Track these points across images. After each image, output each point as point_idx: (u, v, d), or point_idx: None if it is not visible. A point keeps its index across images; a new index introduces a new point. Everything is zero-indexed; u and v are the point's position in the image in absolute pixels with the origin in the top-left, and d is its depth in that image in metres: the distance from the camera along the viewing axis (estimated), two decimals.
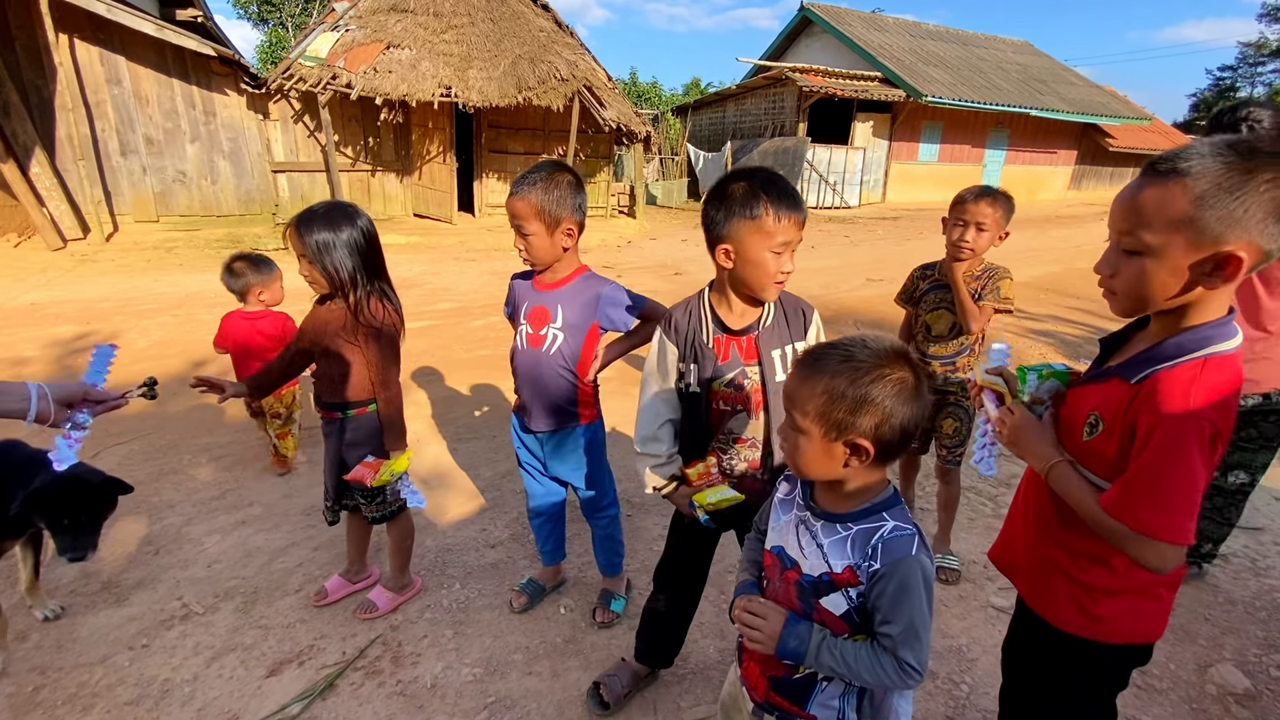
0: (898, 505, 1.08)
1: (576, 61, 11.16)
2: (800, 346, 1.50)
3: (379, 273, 1.94)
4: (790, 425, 1.06)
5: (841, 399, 0.98)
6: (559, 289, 1.89)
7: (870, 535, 1.04)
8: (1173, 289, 0.98)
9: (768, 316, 1.51)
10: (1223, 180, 0.90)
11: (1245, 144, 0.92)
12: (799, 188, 15.66)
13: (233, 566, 2.44)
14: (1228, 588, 2.48)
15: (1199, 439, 0.95)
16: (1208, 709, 1.92)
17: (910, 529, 1.04)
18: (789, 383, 1.08)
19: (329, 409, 2.02)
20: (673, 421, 1.60)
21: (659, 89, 35.25)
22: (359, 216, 1.88)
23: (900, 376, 0.99)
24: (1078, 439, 1.13)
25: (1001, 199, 2.28)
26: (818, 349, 1.06)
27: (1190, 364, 0.98)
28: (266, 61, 27.65)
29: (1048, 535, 1.20)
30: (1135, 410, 1.02)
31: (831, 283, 7.75)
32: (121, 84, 8.95)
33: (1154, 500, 0.98)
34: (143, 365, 4.39)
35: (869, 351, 1.00)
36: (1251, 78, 40.56)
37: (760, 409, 1.52)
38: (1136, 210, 0.99)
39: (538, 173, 1.78)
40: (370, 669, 1.97)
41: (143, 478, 3.02)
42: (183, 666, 1.97)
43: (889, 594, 1.00)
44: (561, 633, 2.15)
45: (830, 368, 1.00)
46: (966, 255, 2.30)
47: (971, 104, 16.99)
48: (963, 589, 2.44)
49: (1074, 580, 1.16)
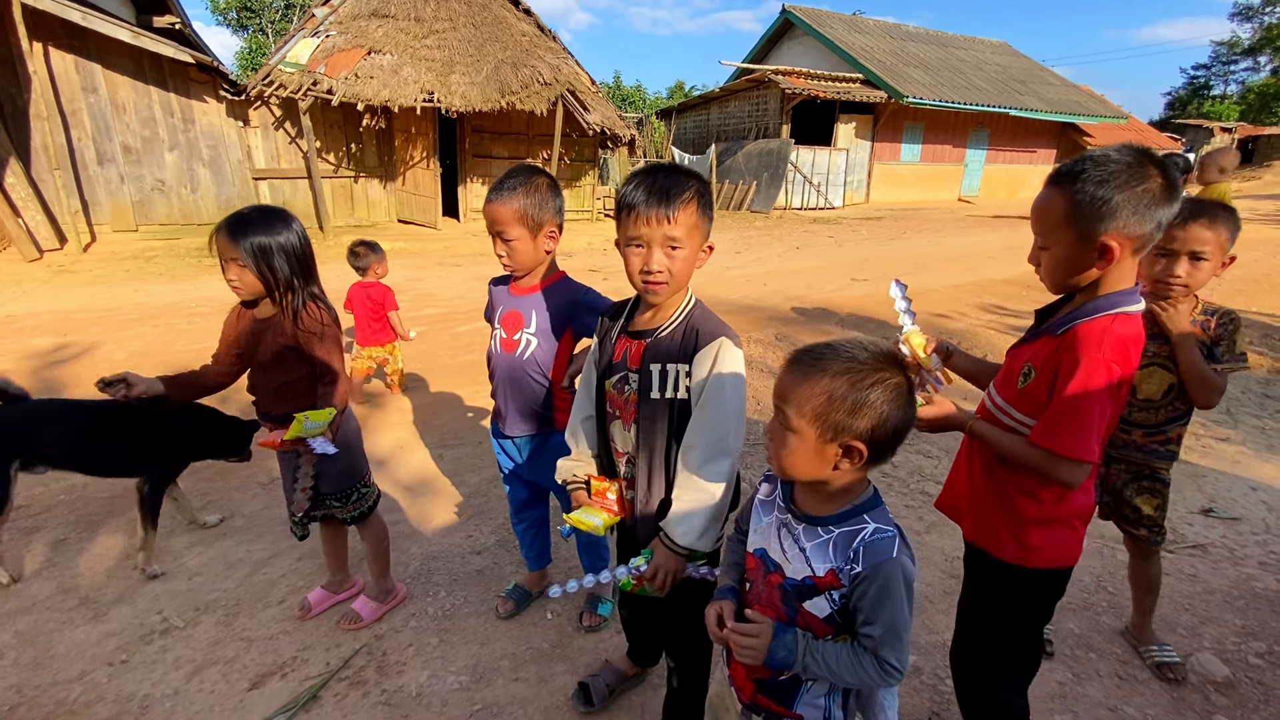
0: (878, 506, 1.09)
1: (559, 65, 11.17)
2: (683, 370, 1.37)
3: (313, 277, 1.91)
4: (782, 424, 1.05)
5: (842, 401, 0.99)
6: (534, 294, 1.89)
7: (852, 538, 1.05)
8: (1074, 272, 1.25)
9: (668, 328, 1.40)
10: (1091, 186, 1.16)
11: (1104, 155, 1.18)
12: (783, 189, 15.76)
13: (214, 579, 2.40)
14: (1206, 577, 2.52)
15: (1107, 376, 1.20)
16: (1188, 698, 1.95)
17: (891, 530, 1.05)
18: (783, 381, 1.05)
19: (277, 421, 1.94)
20: (593, 418, 1.57)
21: (643, 92, 35.39)
22: (293, 220, 1.86)
23: (898, 381, 1.01)
24: (1014, 387, 1.36)
25: (1223, 216, 1.71)
26: (817, 349, 1.05)
27: (1103, 318, 1.22)
28: (246, 68, 27.43)
29: (993, 479, 1.41)
30: (1059, 356, 1.25)
31: (816, 283, 7.80)
32: (98, 92, 8.84)
33: (1068, 425, 1.22)
34: None
35: (869, 355, 1.02)
36: (1224, 75, 41.45)
37: (631, 420, 1.44)
38: (1039, 214, 1.28)
39: (515, 178, 1.77)
40: (355, 679, 1.95)
41: (119, 491, 2.97)
42: (163, 681, 1.94)
43: (870, 596, 1.01)
44: (548, 638, 2.14)
45: (832, 369, 1.01)
46: (1177, 295, 1.77)
47: (952, 104, 17.20)
48: (947, 585, 2.46)
49: (1011, 514, 1.38)
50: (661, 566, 1.35)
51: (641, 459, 1.44)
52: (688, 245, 1.33)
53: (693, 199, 1.32)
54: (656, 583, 1.36)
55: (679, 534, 1.33)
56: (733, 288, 7.51)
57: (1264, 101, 35.02)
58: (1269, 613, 2.32)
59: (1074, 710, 1.90)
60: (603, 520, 1.48)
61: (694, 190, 1.33)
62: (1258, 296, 7.20)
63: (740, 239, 11.48)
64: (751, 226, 13.26)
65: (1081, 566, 2.57)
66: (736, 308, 6.57)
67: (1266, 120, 33.46)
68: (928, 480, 3.23)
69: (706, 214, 1.36)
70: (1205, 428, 3.97)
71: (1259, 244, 10.89)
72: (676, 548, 1.34)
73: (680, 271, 1.34)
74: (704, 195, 1.35)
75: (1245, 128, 28.93)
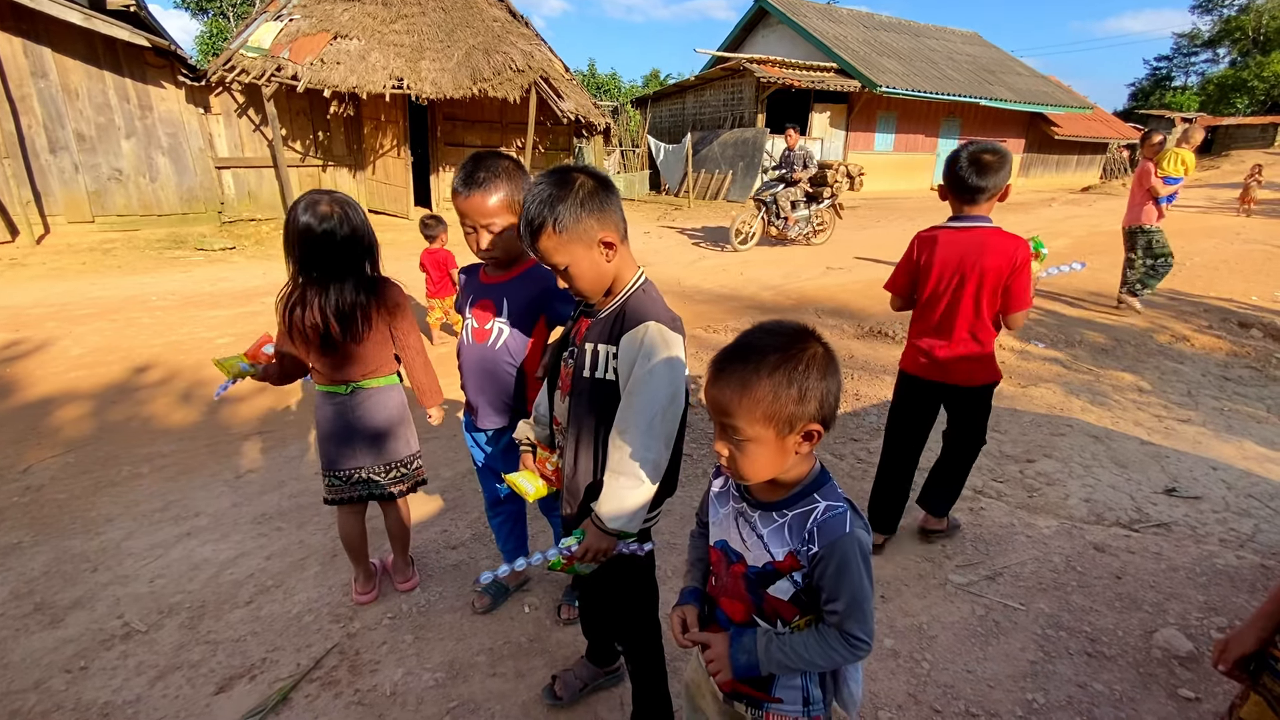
0: (827, 483, 1.09)
1: (532, 52, 10.99)
2: (611, 352, 1.36)
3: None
4: (734, 438, 1.02)
5: (787, 394, 0.98)
6: (505, 281, 1.84)
7: (805, 519, 1.05)
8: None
9: (608, 309, 1.40)
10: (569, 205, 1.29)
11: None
12: (758, 179, 15.77)
13: (177, 581, 2.33)
14: (1170, 555, 2.59)
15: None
16: (1154, 672, 2.00)
17: (842, 506, 1.05)
18: (720, 395, 1.00)
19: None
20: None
21: (618, 80, 35.07)
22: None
23: (821, 351, 1.02)
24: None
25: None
26: (737, 353, 1.02)
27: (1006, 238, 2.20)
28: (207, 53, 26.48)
29: (971, 340, 2.28)
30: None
31: (792, 271, 7.83)
32: (48, 77, 8.45)
33: (1026, 292, 2.18)
34: (77, 374, 4.17)
35: (783, 338, 1.02)
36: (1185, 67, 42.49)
37: (566, 394, 1.48)
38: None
39: (488, 168, 1.69)
40: (326, 679, 1.90)
41: (78, 492, 2.87)
42: (124, 688, 1.87)
43: (830, 574, 1.02)
44: (526, 632, 2.11)
45: (765, 367, 0.99)
46: None
47: (925, 94, 17.34)
48: (922, 568, 2.49)
49: (976, 356, 2.28)
50: (591, 547, 1.36)
51: (570, 433, 1.45)
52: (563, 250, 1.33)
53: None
54: (586, 560, 1.38)
55: (607, 517, 1.34)
56: (709, 276, 7.51)
57: (1223, 93, 36.00)
58: (1230, 588, 2.39)
59: (1045, 689, 1.93)
60: (535, 488, 1.53)
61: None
62: (1216, 282, 7.42)
63: (717, 228, 11.48)
64: (728, 216, 13.23)
65: (1051, 547, 2.63)
66: (712, 297, 6.57)
67: (1224, 111, 34.45)
68: None
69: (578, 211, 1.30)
70: (1167, 409, 4.08)
71: (1217, 231, 11.22)
72: (606, 529, 1.35)
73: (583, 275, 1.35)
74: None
75: (1205, 118, 29.72)
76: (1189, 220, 12.04)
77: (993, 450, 3.45)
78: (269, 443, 3.40)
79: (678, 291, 6.77)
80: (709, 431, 3.58)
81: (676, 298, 6.50)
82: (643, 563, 1.52)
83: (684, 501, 2.80)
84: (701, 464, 3.25)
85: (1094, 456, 3.41)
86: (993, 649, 2.09)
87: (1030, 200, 17.55)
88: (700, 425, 3.65)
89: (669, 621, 1.25)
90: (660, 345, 1.31)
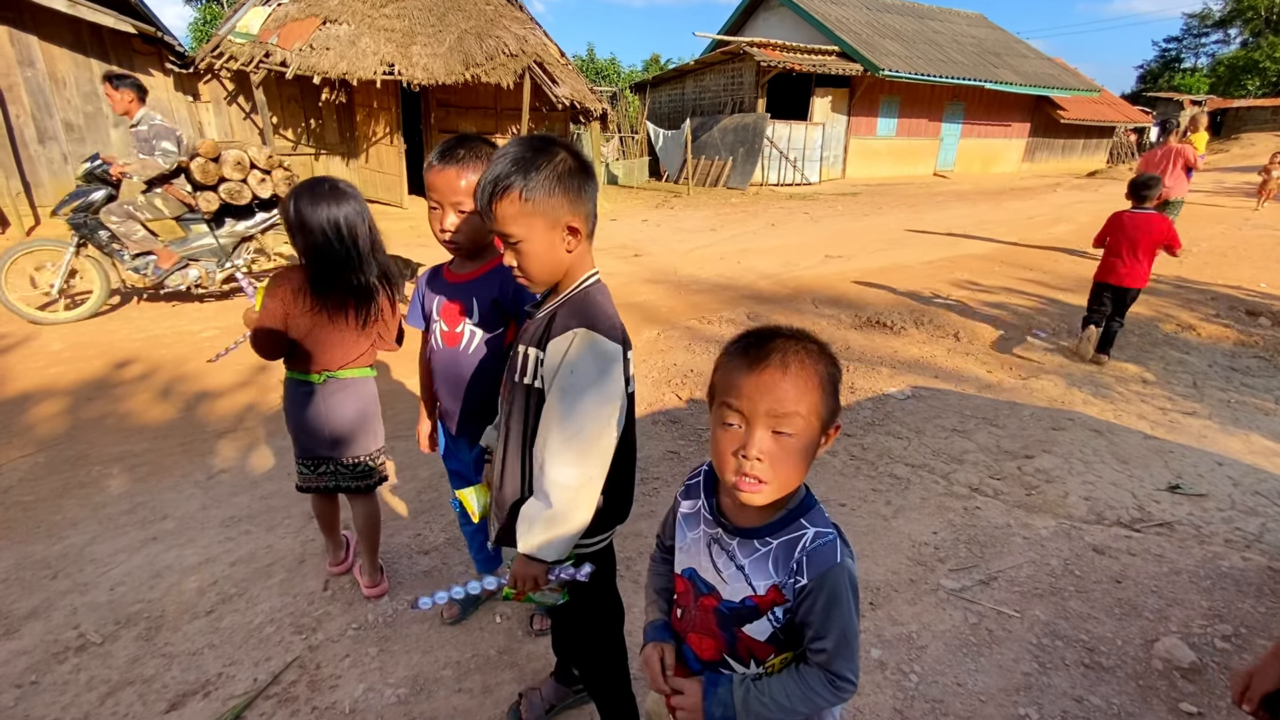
0: (814, 507, 0.98)
1: (526, 36, 10.78)
2: (539, 356, 1.22)
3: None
4: (782, 437, 0.88)
5: (831, 382, 0.92)
6: (473, 280, 1.71)
7: (792, 547, 0.95)
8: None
9: (545, 310, 1.26)
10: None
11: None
12: (759, 165, 15.55)
13: (138, 589, 2.24)
14: (1173, 557, 2.48)
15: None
16: (1154, 685, 1.90)
17: (831, 533, 0.95)
18: (774, 388, 0.87)
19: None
20: None
21: (617, 65, 34.63)
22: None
23: (816, 343, 0.96)
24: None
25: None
26: (777, 340, 0.91)
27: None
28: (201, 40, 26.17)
29: (1136, 259, 4.44)
30: None
31: (790, 260, 7.68)
32: (35, 66, 8.31)
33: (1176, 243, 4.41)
34: (57, 369, 4.09)
35: (793, 329, 0.96)
36: (1195, 49, 41.74)
37: (504, 399, 1.34)
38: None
39: (469, 147, 1.56)
40: (283, 696, 1.82)
41: (45, 494, 2.79)
42: (74, 705, 1.79)
43: (820, 608, 0.92)
44: (496, 644, 2.02)
45: (816, 354, 0.92)
46: None
47: (928, 78, 17.01)
48: (913, 572, 2.39)
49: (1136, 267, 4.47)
50: (519, 574, 1.23)
51: (500, 440, 1.34)
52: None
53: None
54: (518, 590, 1.25)
55: (520, 540, 1.20)
56: (706, 265, 7.37)
57: (1233, 74, 35.38)
58: (1235, 593, 2.29)
59: (1039, 703, 1.84)
60: (482, 507, 1.43)
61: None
62: (1223, 269, 7.25)
63: (716, 216, 11.30)
64: (727, 203, 13.06)
65: (1048, 549, 2.52)
66: (709, 286, 6.44)
67: (1235, 93, 33.87)
68: (897, 462, 3.16)
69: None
70: (1172, 401, 3.96)
71: (1225, 217, 11.01)
72: (531, 556, 1.20)
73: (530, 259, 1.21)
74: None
75: (1215, 100, 29.23)
76: (1197, 208, 11.80)
77: (990, 446, 3.34)
78: (245, 440, 3.31)
79: (674, 281, 6.64)
80: (703, 433, 3.48)
81: (672, 287, 6.37)
82: (594, 584, 1.35)
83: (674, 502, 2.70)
84: (691, 462, 3.15)
85: (1095, 452, 3.29)
86: (985, 660, 1.99)
87: (1035, 185, 17.27)
88: (692, 424, 3.54)
89: (639, 659, 1.14)
90: (587, 355, 1.17)
